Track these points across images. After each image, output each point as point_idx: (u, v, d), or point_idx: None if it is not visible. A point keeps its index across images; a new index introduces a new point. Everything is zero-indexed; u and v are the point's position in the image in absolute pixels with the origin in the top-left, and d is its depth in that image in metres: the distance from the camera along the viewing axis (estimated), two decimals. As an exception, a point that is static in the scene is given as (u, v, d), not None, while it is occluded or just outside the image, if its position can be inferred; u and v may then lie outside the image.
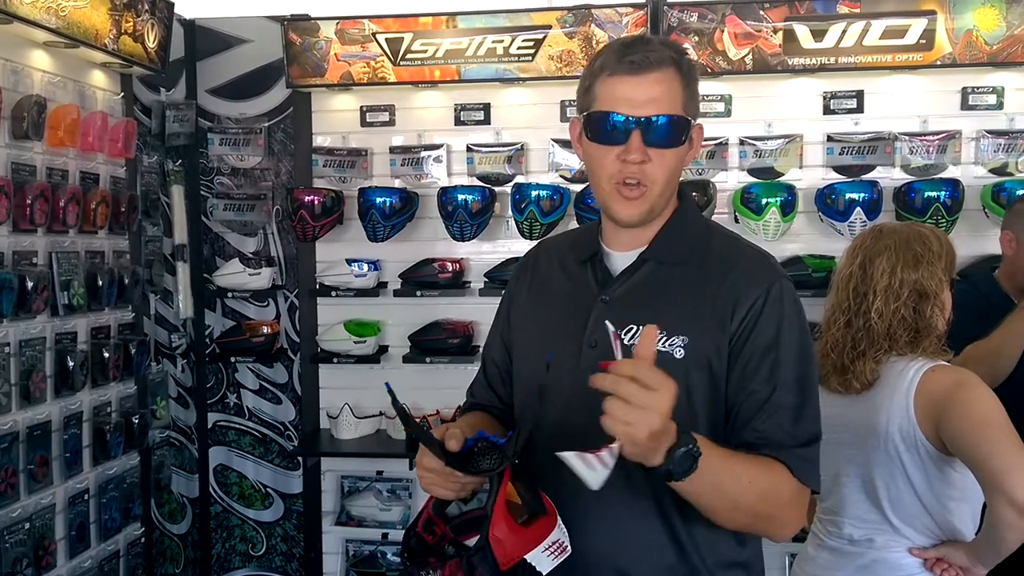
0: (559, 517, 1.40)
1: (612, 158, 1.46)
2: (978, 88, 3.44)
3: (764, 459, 1.41)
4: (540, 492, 1.42)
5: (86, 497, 3.11)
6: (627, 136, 1.43)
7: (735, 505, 1.37)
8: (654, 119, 1.43)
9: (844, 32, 3.33)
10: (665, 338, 1.44)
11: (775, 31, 3.37)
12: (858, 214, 3.32)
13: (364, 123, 3.82)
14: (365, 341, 3.72)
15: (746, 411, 1.44)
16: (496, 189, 3.64)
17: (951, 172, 3.40)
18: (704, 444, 1.28)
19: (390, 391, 1.41)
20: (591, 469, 1.21)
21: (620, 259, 1.56)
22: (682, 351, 1.44)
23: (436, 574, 1.38)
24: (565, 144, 3.59)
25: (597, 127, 1.47)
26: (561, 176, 3.62)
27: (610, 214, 1.52)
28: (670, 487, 1.31)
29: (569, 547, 1.39)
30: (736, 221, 3.44)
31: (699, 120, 1.52)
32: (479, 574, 1.34)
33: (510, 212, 3.57)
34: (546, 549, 1.35)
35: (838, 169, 3.47)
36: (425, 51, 3.57)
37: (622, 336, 1.45)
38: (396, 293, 3.73)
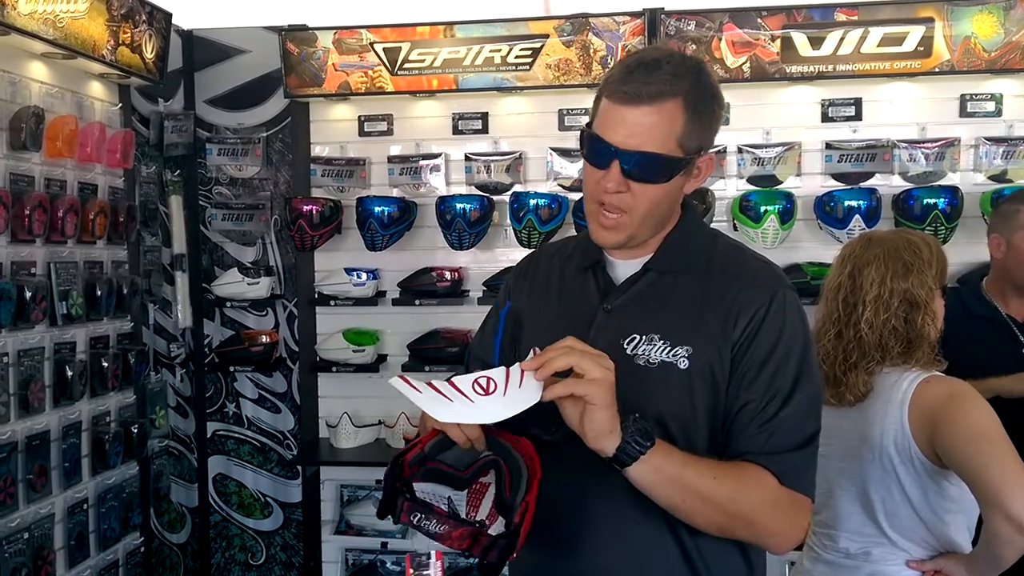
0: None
1: (596, 179, 1.44)
2: (976, 95, 3.44)
3: (735, 461, 1.39)
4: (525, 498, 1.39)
5: (85, 507, 3.10)
6: (608, 163, 1.42)
7: (704, 500, 1.35)
8: (634, 154, 1.39)
9: (842, 40, 3.33)
10: (669, 348, 1.43)
11: (773, 39, 3.37)
12: (857, 221, 3.31)
13: (362, 132, 3.82)
14: (364, 350, 3.71)
15: (738, 423, 1.42)
16: (494, 198, 3.64)
17: (950, 179, 3.40)
18: (660, 441, 1.34)
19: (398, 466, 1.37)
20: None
21: (623, 268, 1.55)
22: (687, 362, 1.42)
23: (440, 528, 1.32)
24: (563, 153, 3.59)
25: (588, 146, 1.46)
26: (559, 185, 3.62)
27: (590, 233, 1.52)
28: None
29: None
30: (735, 229, 3.43)
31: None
32: (492, 556, 1.31)
33: (508, 221, 3.57)
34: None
35: (837, 177, 3.46)
36: (423, 61, 3.57)
37: (624, 345, 1.45)
38: (395, 302, 3.73)
